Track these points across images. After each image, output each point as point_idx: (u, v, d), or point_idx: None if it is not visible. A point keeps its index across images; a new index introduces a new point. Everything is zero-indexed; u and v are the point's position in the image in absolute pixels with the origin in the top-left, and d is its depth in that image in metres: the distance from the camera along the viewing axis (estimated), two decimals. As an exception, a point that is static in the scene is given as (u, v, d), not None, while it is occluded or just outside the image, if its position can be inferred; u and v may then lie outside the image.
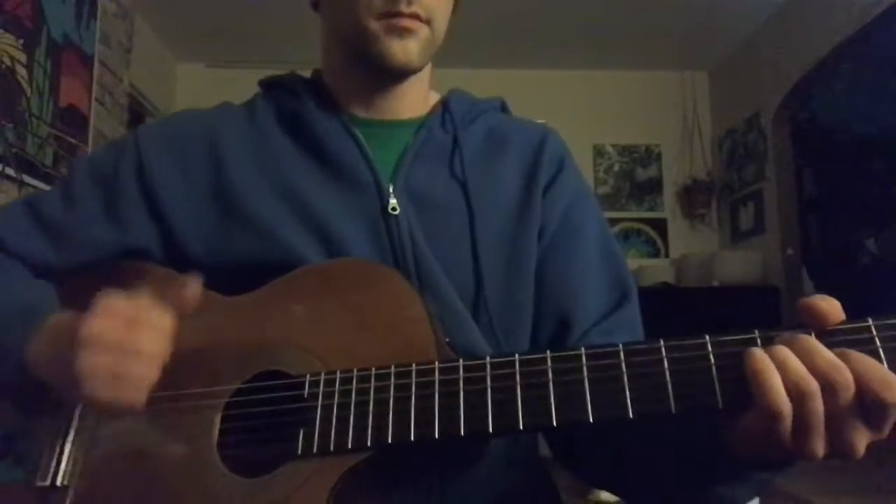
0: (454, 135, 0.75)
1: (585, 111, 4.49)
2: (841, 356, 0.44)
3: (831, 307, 0.47)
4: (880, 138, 4.32)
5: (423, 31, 0.70)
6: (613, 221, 4.43)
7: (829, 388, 0.44)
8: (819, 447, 0.45)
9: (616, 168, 4.62)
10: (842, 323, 0.47)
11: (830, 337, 0.46)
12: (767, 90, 4.00)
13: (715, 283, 3.98)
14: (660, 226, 4.57)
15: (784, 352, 0.45)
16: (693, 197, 4.49)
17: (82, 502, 0.59)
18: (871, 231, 4.42)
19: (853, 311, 0.48)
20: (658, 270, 4.23)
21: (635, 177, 4.61)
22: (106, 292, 0.56)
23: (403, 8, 0.67)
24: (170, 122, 0.79)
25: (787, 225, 3.95)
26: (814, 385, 0.44)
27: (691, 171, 4.54)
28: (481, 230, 0.70)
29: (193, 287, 0.58)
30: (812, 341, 0.45)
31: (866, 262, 4.44)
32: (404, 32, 0.68)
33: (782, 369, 0.44)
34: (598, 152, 4.60)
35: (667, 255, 4.51)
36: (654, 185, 4.61)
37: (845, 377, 0.43)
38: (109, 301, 0.55)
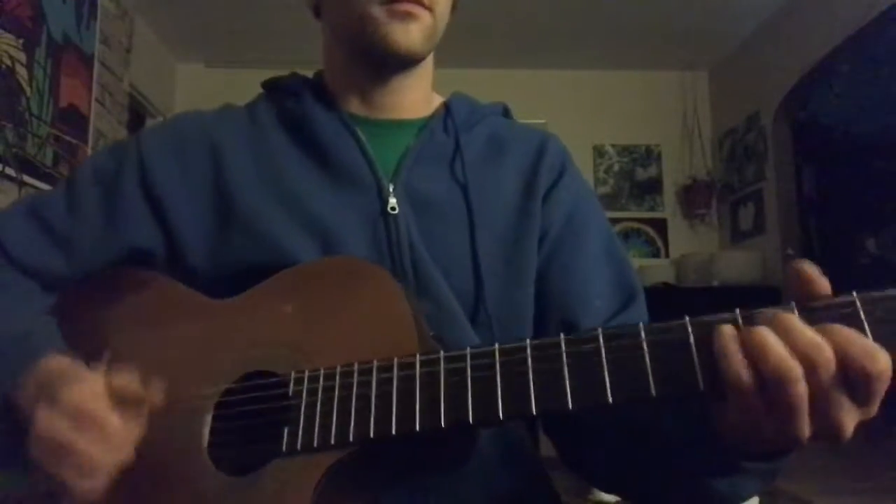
0: (456, 138, 0.75)
1: (585, 111, 4.50)
2: (822, 331, 0.43)
3: (819, 275, 0.45)
4: (880, 138, 4.32)
5: (426, 17, 0.70)
6: (613, 221, 4.42)
7: (810, 368, 0.42)
8: (804, 429, 0.43)
9: (616, 168, 4.62)
10: (826, 298, 0.45)
11: (814, 313, 0.45)
12: (767, 90, 4.00)
13: (715, 283, 3.98)
14: (660, 226, 4.58)
15: (763, 335, 0.43)
16: (693, 197, 4.49)
17: None
18: (871, 231, 4.42)
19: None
20: (658, 270, 4.23)
21: (635, 177, 4.61)
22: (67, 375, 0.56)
23: None
24: (171, 125, 0.79)
25: (787, 225, 3.95)
26: (797, 370, 0.42)
27: (691, 171, 4.54)
28: (481, 233, 0.70)
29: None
30: (793, 319, 0.44)
31: (866, 262, 4.44)
32: (406, 16, 0.69)
33: (763, 354, 0.43)
34: (598, 152, 4.60)
35: (667, 255, 4.52)
36: (654, 185, 4.61)
37: (826, 356, 0.42)
38: (57, 403, 0.54)
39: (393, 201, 0.69)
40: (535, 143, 0.79)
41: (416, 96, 0.78)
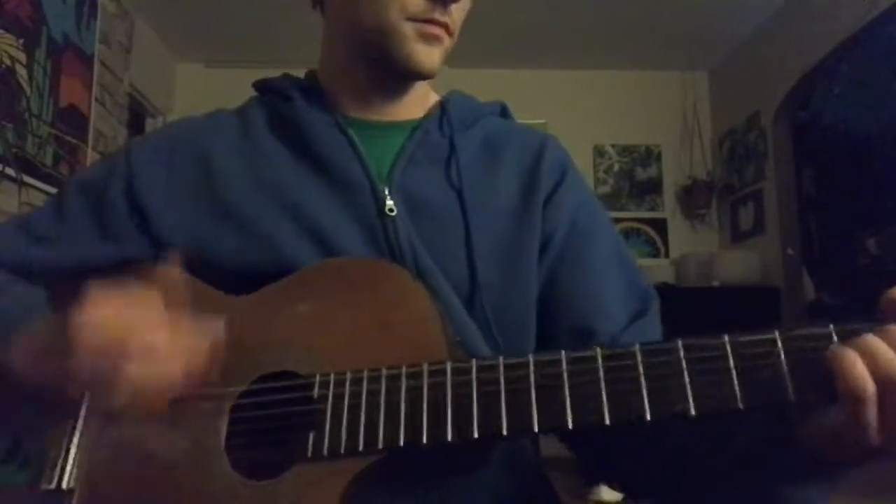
0: (451, 139, 0.75)
1: (585, 111, 4.49)
2: None
3: None
4: (880, 138, 4.32)
5: (447, 41, 0.70)
6: (613, 221, 4.42)
7: None
8: None
9: (616, 168, 4.62)
10: None
11: None
12: (767, 90, 4.00)
13: (715, 283, 3.98)
14: (660, 226, 4.57)
15: (874, 340, 0.45)
16: (693, 197, 4.49)
17: None
18: (871, 231, 4.42)
19: (853, 312, 0.47)
20: (658, 270, 4.23)
21: (635, 177, 4.61)
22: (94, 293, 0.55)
23: (439, 16, 0.67)
24: (161, 134, 0.79)
25: (787, 225, 3.95)
26: None
27: (691, 171, 4.54)
28: (477, 236, 0.69)
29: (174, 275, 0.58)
30: None
31: (866, 262, 4.44)
32: (433, 40, 0.68)
33: (873, 356, 0.44)
34: (598, 152, 4.60)
35: (667, 255, 4.51)
36: (654, 185, 4.61)
37: None
38: (100, 301, 0.54)
39: (390, 202, 0.69)
40: (533, 144, 0.78)
41: (412, 100, 0.77)
